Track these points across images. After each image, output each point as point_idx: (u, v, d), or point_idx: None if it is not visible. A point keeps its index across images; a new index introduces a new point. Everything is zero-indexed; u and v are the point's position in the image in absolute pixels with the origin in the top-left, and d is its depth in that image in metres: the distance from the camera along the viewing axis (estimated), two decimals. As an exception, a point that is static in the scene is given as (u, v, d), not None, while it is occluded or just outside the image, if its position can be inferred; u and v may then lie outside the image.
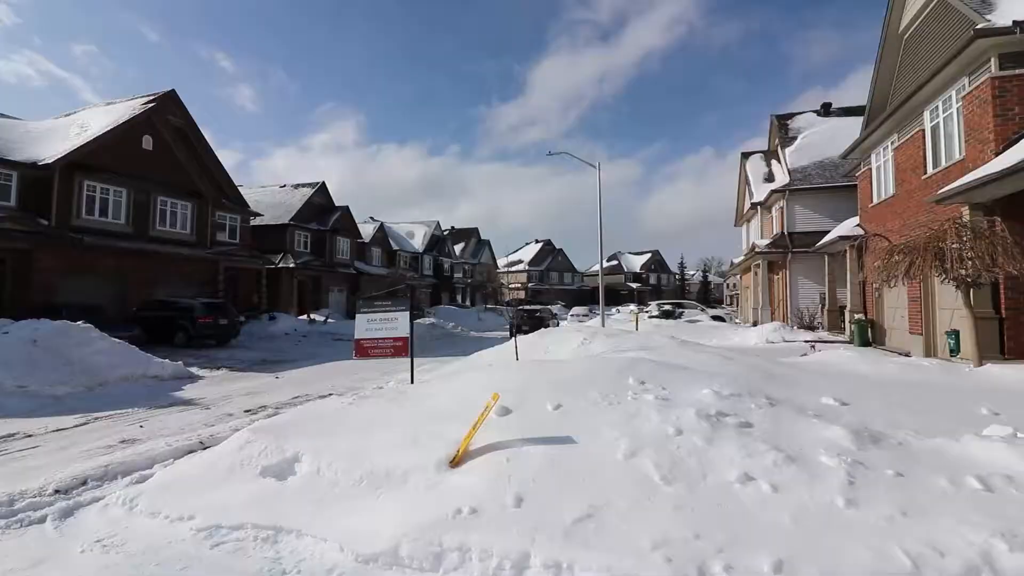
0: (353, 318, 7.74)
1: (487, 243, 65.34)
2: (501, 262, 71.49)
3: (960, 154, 11.16)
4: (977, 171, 9.55)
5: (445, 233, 56.14)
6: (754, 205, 27.16)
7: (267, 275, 27.22)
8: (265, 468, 4.20)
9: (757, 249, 23.67)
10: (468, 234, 63.91)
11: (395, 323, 6.99)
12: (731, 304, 54.89)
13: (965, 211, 10.03)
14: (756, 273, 24.88)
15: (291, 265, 28.84)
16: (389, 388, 7.52)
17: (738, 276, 35.08)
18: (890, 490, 3.15)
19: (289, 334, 22.16)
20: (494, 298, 49.63)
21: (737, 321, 30.24)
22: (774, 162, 27.33)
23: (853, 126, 21.44)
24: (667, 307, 29.86)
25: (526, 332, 17.14)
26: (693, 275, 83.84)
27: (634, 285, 75.29)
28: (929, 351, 11.44)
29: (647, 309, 32.65)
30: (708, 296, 72.42)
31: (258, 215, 28.21)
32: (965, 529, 2.78)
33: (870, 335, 14.62)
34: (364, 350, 7.16)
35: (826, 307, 19.11)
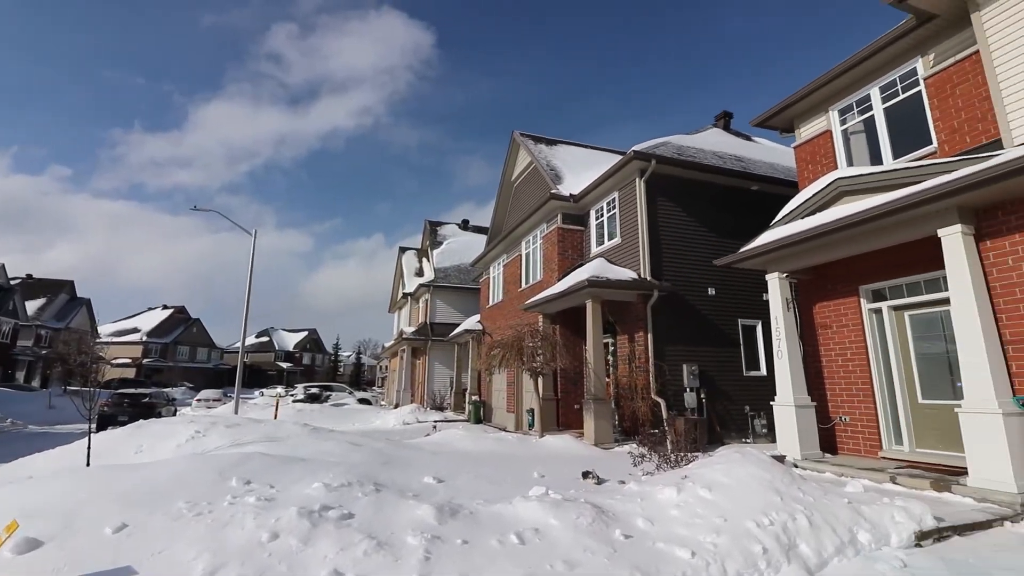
0: None
1: (85, 302, 49.99)
2: (106, 329, 55.47)
3: (540, 276, 15.23)
4: (546, 291, 13.21)
5: (13, 283, 40.31)
6: (405, 295, 29.96)
7: None
8: None
9: (404, 335, 25.82)
10: (55, 287, 47.70)
11: None
12: (382, 386, 57.16)
13: (541, 318, 13.57)
14: (402, 357, 26.91)
15: None
16: None
17: (388, 360, 37.13)
18: (457, 558, 3.64)
19: None
20: (85, 377, 37.44)
21: (383, 403, 31.52)
22: (424, 260, 31.17)
23: (482, 241, 26.87)
24: (314, 390, 28.66)
25: (123, 423, 13.43)
26: (349, 356, 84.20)
27: (286, 365, 69.98)
28: (518, 426, 14.44)
29: (293, 392, 30.57)
30: (360, 378, 73.40)
31: None
32: (503, 582, 3.42)
33: (482, 414, 17.52)
34: None
35: (454, 390, 22.09)
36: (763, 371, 11.41)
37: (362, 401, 28.74)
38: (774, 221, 8.20)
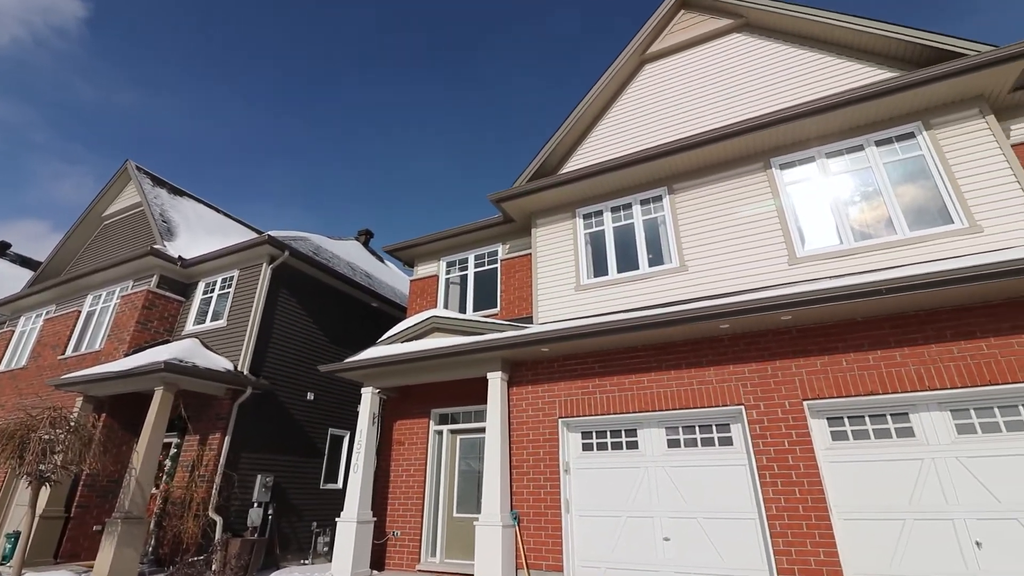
0: None
1: None
2: None
3: (101, 345, 11.74)
4: (103, 366, 10.18)
5: None
6: None
7: None
8: None
9: None
10: None
11: None
12: None
13: (80, 401, 10.15)
14: None
15: None
16: None
17: None
18: None
19: None
20: None
21: None
22: None
23: (24, 277, 19.26)
24: None
25: None
26: None
27: None
28: (-19, 560, 9.62)
29: None
30: None
31: None
32: None
33: (-88, 542, 10.99)
34: None
35: None
36: (340, 484, 11.41)
37: None
38: (379, 340, 8.94)
